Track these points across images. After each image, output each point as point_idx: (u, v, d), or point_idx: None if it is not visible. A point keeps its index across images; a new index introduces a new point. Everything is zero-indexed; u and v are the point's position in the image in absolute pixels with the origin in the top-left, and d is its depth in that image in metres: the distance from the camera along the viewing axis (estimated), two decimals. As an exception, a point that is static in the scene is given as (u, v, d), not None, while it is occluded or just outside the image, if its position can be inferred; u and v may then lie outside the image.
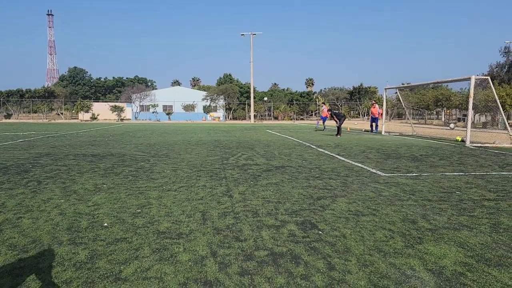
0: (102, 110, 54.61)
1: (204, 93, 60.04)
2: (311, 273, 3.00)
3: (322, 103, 32.45)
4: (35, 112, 57.20)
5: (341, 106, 62.26)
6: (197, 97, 59.28)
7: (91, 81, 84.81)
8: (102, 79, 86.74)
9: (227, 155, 10.67)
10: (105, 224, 4.16)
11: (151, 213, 4.62)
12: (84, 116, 52.83)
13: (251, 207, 4.95)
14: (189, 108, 56.60)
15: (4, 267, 3.05)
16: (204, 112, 56.58)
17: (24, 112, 58.63)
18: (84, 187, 6.09)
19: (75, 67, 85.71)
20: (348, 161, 9.47)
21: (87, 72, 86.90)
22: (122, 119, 51.75)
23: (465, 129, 17.66)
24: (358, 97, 62.80)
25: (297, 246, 3.58)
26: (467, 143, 14.18)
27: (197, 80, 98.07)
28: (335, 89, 71.40)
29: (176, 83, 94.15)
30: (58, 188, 6.02)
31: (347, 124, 33.97)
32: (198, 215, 4.59)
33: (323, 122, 25.31)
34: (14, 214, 4.52)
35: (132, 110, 57.24)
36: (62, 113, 58.66)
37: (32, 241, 3.60)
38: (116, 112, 51.75)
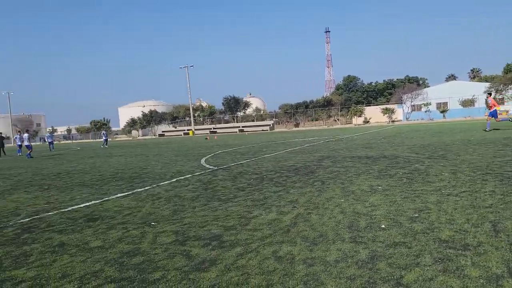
0: (373, 113, 56.21)
1: (487, 84, 52.03)
2: None
3: (488, 93, 22.28)
4: (317, 119, 65.00)
5: None
6: (478, 90, 52.00)
7: (363, 86, 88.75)
8: (373, 84, 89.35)
9: (524, 155, 8.79)
10: (383, 226, 4.20)
11: (430, 219, 4.34)
12: (357, 121, 55.87)
13: None
14: (467, 103, 50.42)
15: (299, 255, 3.54)
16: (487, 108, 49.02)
17: (308, 120, 67.61)
18: (360, 188, 6.39)
19: (348, 76, 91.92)
20: None
21: (359, 79, 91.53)
22: (393, 121, 51.60)
23: None
24: None
25: None
26: None
27: (477, 71, 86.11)
28: None
29: (452, 77, 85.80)
30: (338, 188, 6.56)
31: None
32: (487, 225, 3.96)
33: (496, 117, 18.70)
34: (304, 209, 5.23)
35: (403, 110, 56.16)
36: (338, 119, 64.09)
37: (319, 235, 4.05)
38: (387, 114, 52.11)
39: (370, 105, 69.24)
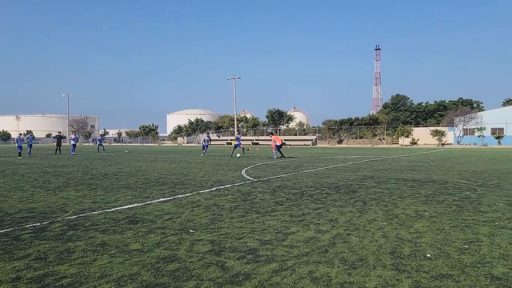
0: (422, 134, 54.14)
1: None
2: None
3: (270, 133, 27.06)
4: (361, 137, 63.48)
5: None
6: (540, 116, 48.68)
7: (412, 106, 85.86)
8: (423, 104, 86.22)
9: None
10: (428, 255, 3.97)
11: (481, 252, 4.04)
12: (404, 141, 54.01)
13: None
14: (527, 130, 47.21)
15: (337, 278, 3.41)
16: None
17: (352, 138, 66.20)
18: (405, 212, 6.10)
19: (397, 95, 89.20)
20: None
21: (408, 98, 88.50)
22: (442, 144, 49.38)
23: None
24: None
25: None
26: None
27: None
28: None
29: (510, 102, 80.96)
30: (381, 210, 6.31)
31: None
32: (548, 265, 3.62)
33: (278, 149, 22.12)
34: (344, 230, 5.05)
35: (454, 134, 53.61)
36: (383, 138, 62.28)
37: (359, 259, 3.88)
38: (437, 137, 50.03)
39: (418, 126, 66.74)
